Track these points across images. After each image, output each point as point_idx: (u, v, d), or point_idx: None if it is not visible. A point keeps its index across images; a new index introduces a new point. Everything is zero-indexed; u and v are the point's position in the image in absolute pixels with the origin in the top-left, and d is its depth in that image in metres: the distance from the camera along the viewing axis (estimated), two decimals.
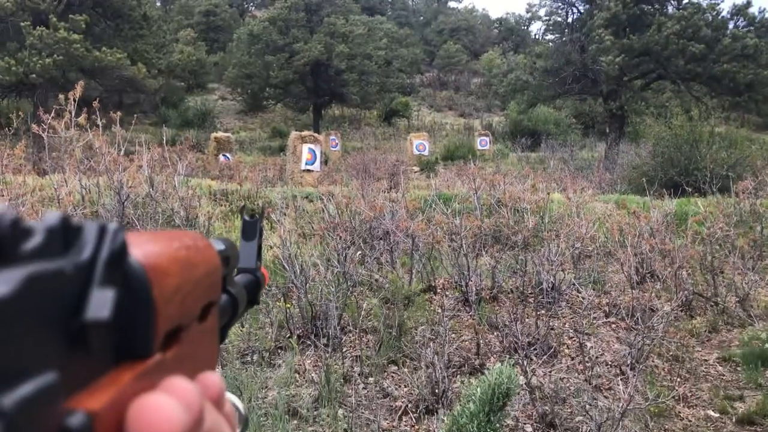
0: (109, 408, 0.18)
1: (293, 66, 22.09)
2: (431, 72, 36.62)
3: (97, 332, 0.18)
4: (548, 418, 2.81)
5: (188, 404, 0.20)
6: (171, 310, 0.23)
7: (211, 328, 0.30)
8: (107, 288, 0.18)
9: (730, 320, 4.19)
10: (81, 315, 0.17)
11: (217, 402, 0.24)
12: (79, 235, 0.19)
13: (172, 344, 0.24)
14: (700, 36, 16.13)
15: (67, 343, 0.17)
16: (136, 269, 0.21)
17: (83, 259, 0.18)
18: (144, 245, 0.23)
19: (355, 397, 2.97)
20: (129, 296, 0.20)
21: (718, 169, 9.06)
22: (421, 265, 4.45)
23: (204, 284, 0.27)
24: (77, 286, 0.18)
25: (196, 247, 0.28)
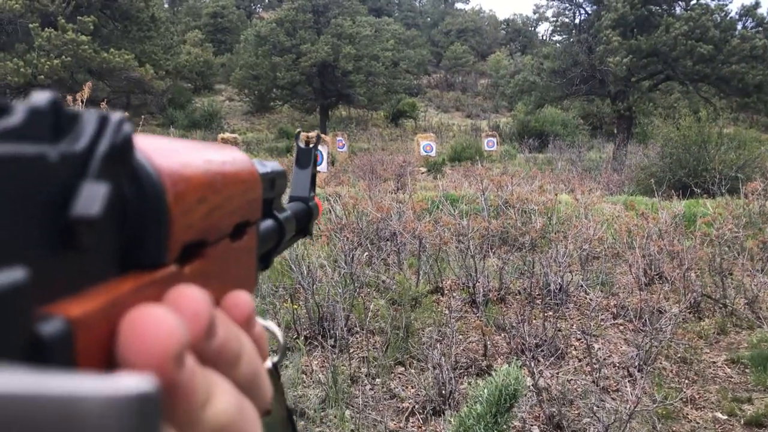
0: (95, 317, 0.15)
1: (300, 67, 22.17)
2: (438, 73, 36.60)
3: (87, 231, 0.15)
4: (555, 419, 2.80)
5: (193, 314, 0.18)
6: (191, 221, 0.21)
7: (247, 249, 0.28)
8: (102, 183, 0.16)
9: (738, 322, 4.17)
10: (67, 211, 0.15)
11: (244, 322, 0.22)
12: (74, 123, 0.16)
13: (193, 259, 0.22)
14: (708, 37, 16.02)
15: (51, 241, 0.15)
16: (146, 169, 0.19)
17: (76, 149, 0.16)
18: (163, 148, 0.21)
19: (362, 398, 2.98)
20: (138, 199, 0.19)
21: (727, 170, 8.99)
22: (428, 267, 4.45)
23: (238, 201, 0.26)
24: (66, 178, 0.15)
25: (232, 161, 0.26)
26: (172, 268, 0.20)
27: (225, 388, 0.19)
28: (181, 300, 0.18)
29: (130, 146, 0.18)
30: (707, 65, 16.14)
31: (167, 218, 0.19)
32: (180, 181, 0.20)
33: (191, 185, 0.21)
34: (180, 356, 0.16)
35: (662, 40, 16.22)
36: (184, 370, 0.16)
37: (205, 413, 0.18)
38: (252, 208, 0.28)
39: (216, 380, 0.19)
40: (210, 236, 0.23)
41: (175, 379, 0.16)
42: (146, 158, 0.19)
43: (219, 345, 0.19)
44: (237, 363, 0.21)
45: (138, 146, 0.19)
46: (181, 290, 0.19)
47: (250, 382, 0.21)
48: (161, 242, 0.19)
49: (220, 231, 0.24)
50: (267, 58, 22.77)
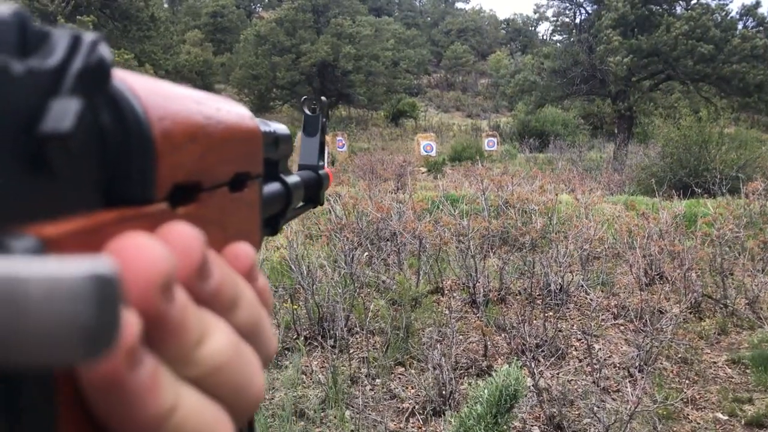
0: (71, 240, 0.15)
1: (300, 67, 22.18)
2: (438, 73, 36.62)
3: (57, 150, 0.14)
4: (556, 420, 2.80)
5: (184, 249, 0.17)
6: (182, 159, 0.20)
7: (249, 202, 0.28)
8: (74, 99, 0.15)
9: (739, 322, 4.16)
10: (36, 128, 0.14)
11: (246, 273, 0.22)
12: (44, 41, 0.15)
13: (187, 201, 0.21)
14: (708, 36, 16.02)
15: (20, 161, 0.14)
16: (127, 98, 0.18)
17: (45, 66, 0.15)
18: (149, 84, 0.20)
19: (362, 398, 2.98)
20: (119, 129, 0.18)
21: (728, 170, 8.99)
22: (429, 267, 4.45)
23: (235, 148, 0.25)
24: (34, 96, 0.14)
25: (228, 108, 0.25)
26: (162, 205, 0.19)
27: (221, 328, 0.18)
28: (171, 235, 0.17)
29: (106, 67, 0.16)
30: (708, 65, 16.14)
31: (152, 151, 0.18)
32: (166, 115, 0.19)
33: (180, 121, 0.20)
34: (166, 287, 0.15)
35: (663, 39, 16.22)
36: (172, 303, 0.16)
37: (200, 351, 0.17)
38: (251, 160, 0.28)
39: (212, 320, 0.18)
40: (205, 180, 0.22)
41: (162, 311, 0.15)
42: (129, 89, 0.18)
43: (214, 287, 0.18)
44: (235, 308, 0.20)
45: (122, 78, 0.18)
46: (172, 226, 0.18)
47: (250, 329, 0.21)
48: (147, 176, 0.18)
49: (217, 177, 0.23)
50: (267, 58, 22.80)
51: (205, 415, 0.17)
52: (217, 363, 0.18)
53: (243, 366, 0.19)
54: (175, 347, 0.16)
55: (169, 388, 0.16)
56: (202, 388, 0.17)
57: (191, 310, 0.17)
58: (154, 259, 0.15)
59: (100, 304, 0.10)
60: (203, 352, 0.17)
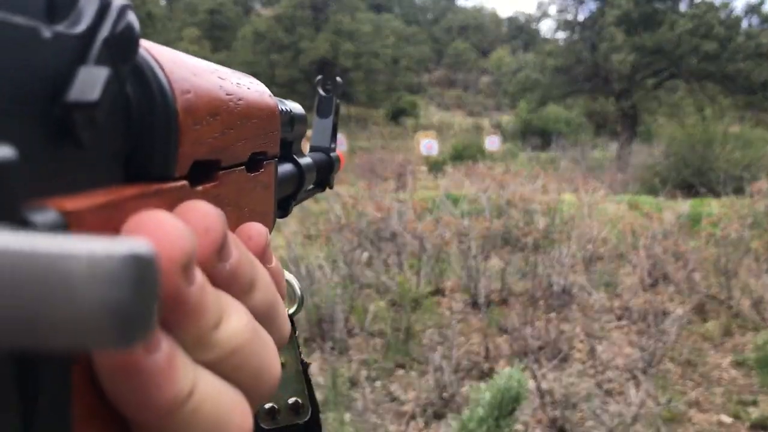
0: (92, 214, 0.14)
1: (299, 64, 22.20)
2: (439, 70, 36.60)
3: (85, 120, 0.14)
4: (558, 423, 2.77)
5: (205, 228, 0.17)
6: (202, 136, 0.20)
7: (264, 184, 0.27)
8: (102, 68, 0.14)
9: (743, 324, 4.13)
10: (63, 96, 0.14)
11: (260, 253, 0.21)
12: (72, 5, 0.15)
13: (206, 180, 0.21)
14: (713, 34, 15.97)
15: (45, 129, 0.13)
16: (153, 70, 0.17)
17: (73, 32, 0.14)
18: (174, 55, 0.19)
19: (362, 400, 2.95)
20: (144, 101, 0.17)
21: (733, 169, 8.94)
22: (429, 267, 4.42)
23: (254, 126, 0.25)
24: (62, 62, 0.14)
25: (249, 83, 0.25)
26: (182, 183, 0.19)
27: (239, 310, 0.18)
28: (191, 213, 0.17)
29: (133, 35, 0.16)
30: (712, 63, 16.10)
31: (176, 126, 0.18)
32: (190, 90, 0.19)
33: (202, 97, 0.20)
34: (187, 267, 0.15)
35: (667, 37, 16.18)
36: (192, 284, 0.15)
37: (218, 333, 0.17)
38: (269, 139, 0.27)
39: (229, 302, 0.18)
40: (224, 158, 0.22)
41: (182, 292, 0.15)
42: (154, 60, 0.18)
43: (232, 268, 0.18)
44: (252, 290, 0.19)
45: (146, 47, 0.18)
46: (193, 204, 0.17)
47: (265, 312, 0.20)
48: (169, 152, 0.18)
49: (235, 156, 0.23)
50: (265, 56, 22.82)
51: (222, 399, 0.17)
52: (234, 345, 0.17)
53: (260, 349, 0.19)
54: (192, 329, 0.16)
55: (186, 371, 0.15)
56: (220, 371, 0.17)
57: (209, 292, 0.16)
58: (175, 237, 0.15)
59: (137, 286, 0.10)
60: (221, 334, 0.17)
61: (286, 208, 0.38)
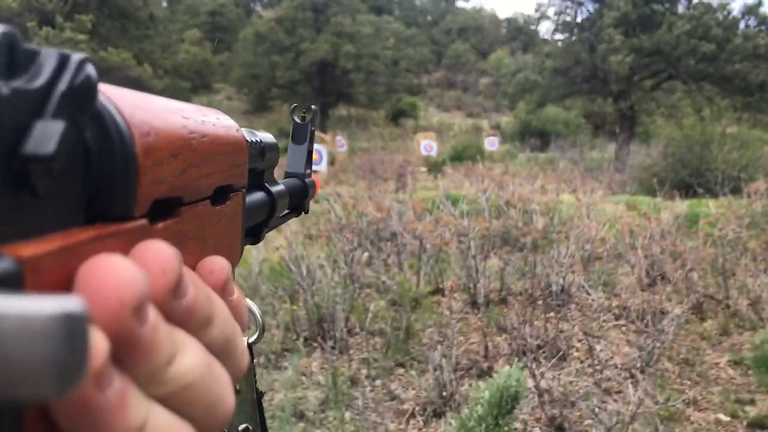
0: (48, 260, 0.15)
1: (300, 66, 22.18)
2: (439, 72, 36.60)
3: (40, 171, 0.14)
4: (557, 421, 2.78)
5: (160, 269, 0.17)
6: (163, 175, 0.20)
7: (230, 215, 0.27)
8: (58, 121, 0.15)
9: (741, 323, 4.15)
10: (20, 149, 0.14)
11: (220, 287, 0.22)
12: (32, 61, 0.15)
13: (167, 217, 0.21)
14: (710, 35, 16.00)
15: (2, 179, 0.14)
16: (111, 115, 0.18)
17: (31, 87, 0.15)
18: (135, 99, 0.20)
19: (362, 399, 2.96)
20: (103, 145, 0.18)
21: (730, 170, 8.97)
22: (429, 267, 4.44)
23: (219, 161, 0.25)
24: (19, 116, 0.14)
25: (214, 121, 0.26)
26: (141, 222, 0.19)
27: (193, 347, 0.19)
28: (147, 254, 0.18)
29: (92, 87, 0.16)
30: (710, 64, 16.12)
31: (134, 168, 0.18)
32: (150, 133, 0.19)
33: (163, 138, 0.20)
34: (139, 309, 0.15)
35: (665, 38, 16.20)
36: (145, 324, 0.16)
37: (170, 370, 0.17)
38: (236, 172, 0.27)
39: (183, 339, 0.18)
40: (186, 195, 0.22)
41: (134, 332, 0.15)
42: (113, 106, 0.18)
43: (189, 305, 0.19)
44: (208, 325, 0.20)
45: (106, 94, 0.19)
46: (148, 244, 0.18)
47: (222, 346, 0.21)
48: (128, 193, 0.18)
49: (198, 191, 0.23)
50: (266, 57, 22.79)
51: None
52: (187, 381, 0.18)
53: (213, 384, 0.19)
54: (145, 366, 0.16)
55: (138, 406, 0.16)
56: (172, 406, 0.18)
57: (163, 330, 0.17)
58: (127, 281, 0.15)
59: (69, 343, 0.10)
60: (173, 371, 0.17)
61: (258, 235, 0.38)
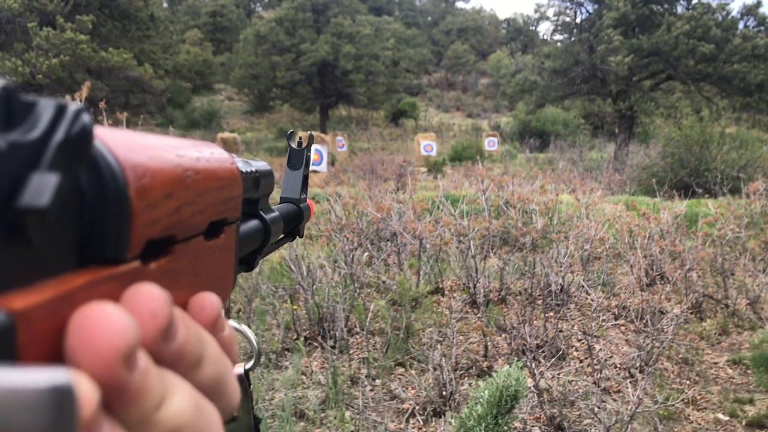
0: (41, 311, 0.15)
1: (300, 66, 22.17)
2: (439, 72, 36.59)
3: (35, 223, 0.15)
4: (556, 420, 2.79)
5: (150, 314, 0.17)
6: (157, 216, 0.20)
7: (223, 248, 0.27)
8: (53, 173, 0.15)
9: (740, 323, 4.15)
10: (15, 201, 0.14)
11: (211, 324, 0.22)
12: (29, 112, 0.16)
13: (160, 256, 0.21)
14: (710, 36, 16.01)
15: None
16: (106, 161, 0.18)
17: (27, 139, 0.15)
18: (129, 141, 0.20)
19: (362, 399, 2.97)
20: (97, 191, 0.18)
21: (729, 170, 8.98)
22: (429, 267, 4.44)
23: (212, 198, 0.25)
24: (15, 169, 0.15)
25: (208, 157, 0.25)
26: (134, 264, 0.19)
27: (182, 389, 0.18)
28: (137, 299, 0.18)
29: (87, 137, 0.17)
30: (709, 64, 16.13)
31: (128, 212, 0.18)
32: (144, 175, 0.19)
33: (157, 179, 0.20)
34: (129, 357, 0.16)
35: (664, 39, 16.21)
36: (134, 371, 0.16)
37: (159, 414, 0.17)
38: (229, 206, 0.27)
39: (173, 381, 0.18)
40: (179, 233, 0.22)
41: (124, 380, 0.16)
42: (108, 150, 0.18)
43: (179, 347, 0.19)
44: (199, 365, 0.20)
45: (101, 138, 0.19)
46: (139, 289, 0.18)
47: (213, 386, 0.21)
48: (121, 237, 0.18)
49: (192, 228, 0.23)
50: (266, 58, 22.78)
51: None
52: (176, 425, 0.18)
53: (203, 425, 0.19)
54: (134, 411, 0.16)
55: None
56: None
57: (152, 375, 0.17)
58: (117, 330, 0.15)
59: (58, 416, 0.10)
60: (163, 415, 0.17)
61: (252, 262, 0.38)
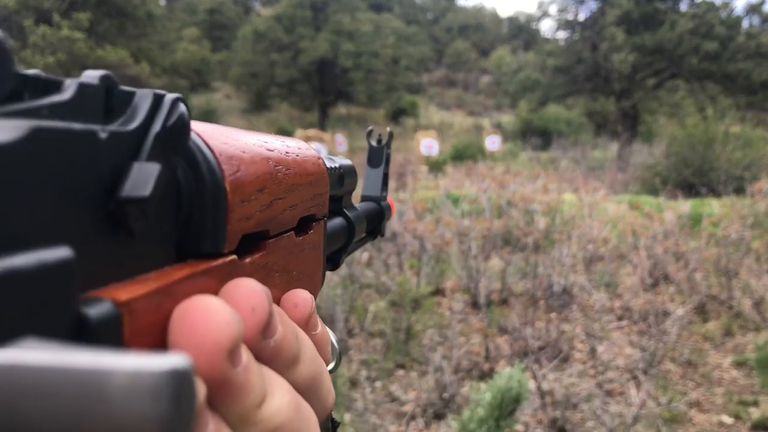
0: (145, 302, 0.15)
1: (299, 64, 22.15)
2: (439, 70, 36.56)
3: (137, 213, 0.15)
4: (559, 423, 2.76)
5: (251, 309, 0.17)
6: (251, 211, 0.20)
7: (313, 244, 0.28)
8: (154, 164, 0.15)
9: (744, 324, 4.12)
10: (117, 191, 0.15)
11: (304, 322, 0.22)
12: (128, 103, 0.16)
13: (254, 251, 0.21)
14: (713, 34, 15.95)
15: (100, 223, 0.14)
16: (203, 153, 0.18)
17: (127, 129, 0.15)
18: (222, 134, 0.20)
19: (362, 401, 2.95)
20: (194, 184, 0.18)
21: (733, 169, 8.93)
22: (430, 268, 4.42)
23: (302, 193, 0.25)
24: (117, 159, 0.15)
25: (297, 151, 0.26)
26: (230, 258, 0.19)
27: (282, 387, 0.19)
28: (238, 293, 0.18)
29: (185, 127, 0.17)
30: (713, 63, 16.08)
31: (224, 205, 0.19)
32: (239, 168, 0.20)
33: (251, 173, 0.20)
34: (233, 351, 0.16)
35: (667, 37, 16.16)
36: (238, 366, 0.16)
37: (261, 412, 0.17)
38: (318, 202, 0.28)
39: (273, 379, 0.18)
40: (272, 228, 0.22)
41: (228, 375, 0.16)
42: (203, 142, 0.19)
43: (277, 344, 0.19)
44: (296, 364, 0.20)
45: (196, 130, 0.19)
46: (239, 282, 0.18)
47: (309, 385, 0.21)
48: (218, 230, 0.19)
49: (283, 224, 0.24)
50: (265, 55, 22.74)
51: None
52: (277, 424, 0.18)
53: (302, 424, 0.19)
54: (237, 408, 0.17)
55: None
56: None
57: (254, 371, 0.17)
58: (222, 324, 0.15)
59: (177, 401, 0.10)
60: (264, 413, 0.17)
61: (337, 260, 0.38)
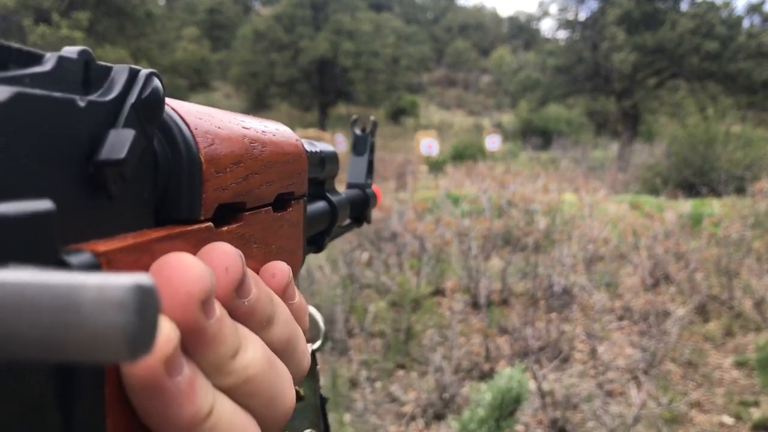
0: (123, 255, 0.16)
1: (298, 64, 22.14)
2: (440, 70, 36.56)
3: (113, 175, 0.16)
4: (559, 423, 2.76)
5: (224, 267, 0.19)
6: (226, 182, 0.21)
7: (292, 221, 0.29)
8: (129, 130, 0.17)
9: (745, 324, 4.12)
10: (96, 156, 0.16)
11: (282, 290, 0.23)
12: (105, 77, 0.17)
13: (231, 221, 0.23)
14: (714, 34, 15.95)
15: (80, 184, 0.15)
16: (178, 125, 0.20)
17: (105, 99, 0.17)
18: (198, 111, 0.21)
19: (362, 401, 2.94)
20: (170, 153, 0.19)
21: (734, 169, 8.93)
22: (430, 268, 4.41)
23: (279, 170, 0.26)
24: (95, 126, 0.16)
25: (274, 131, 0.27)
26: (206, 224, 0.21)
27: (255, 342, 0.20)
28: (213, 254, 0.19)
29: (159, 99, 0.18)
30: (713, 62, 16.07)
31: (200, 175, 0.20)
32: (213, 142, 0.21)
33: (225, 146, 0.22)
34: (206, 302, 0.17)
35: (668, 36, 16.15)
36: (211, 317, 0.17)
37: (234, 362, 0.18)
38: (296, 180, 0.29)
39: (246, 335, 0.20)
40: (248, 201, 0.24)
41: (201, 324, 0.17)
42: (180, 117, 0.20)
43: (251, 304, 0.20)
44: (270, 325, 0.21)
45: (172, 106, 0.20)
46: (215, 245, 0.19)
47: (283, 346, 0.22)
48: (194, 198, 0.20)
49: (260, 198, 0.25)
50: (265, 55, 22.73)
51: (236, 422, 0.18)
52: (250, 374, 0.19)
53: (275, 379, 0.20)
54: (211, 357, 0.18)
55: (205, 394, 0.17)
56: (236, 397, 0.19)
57: (227, 324, 0.18)
58: (195, 276, 0.17)
59: (141, 312, 0.11)
60: (237, 363, 0.19)
61: (320, 243, 0.40)
